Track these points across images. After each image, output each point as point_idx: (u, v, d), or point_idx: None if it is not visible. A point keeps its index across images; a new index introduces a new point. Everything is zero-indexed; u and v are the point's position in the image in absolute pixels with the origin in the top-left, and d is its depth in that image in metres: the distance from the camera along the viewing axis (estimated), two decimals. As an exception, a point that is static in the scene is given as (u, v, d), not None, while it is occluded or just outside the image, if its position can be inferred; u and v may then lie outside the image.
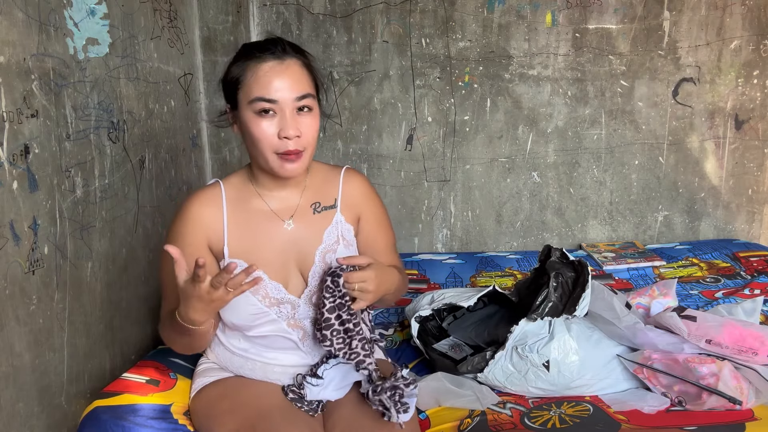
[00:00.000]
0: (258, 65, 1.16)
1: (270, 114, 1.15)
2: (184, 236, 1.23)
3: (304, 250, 1.27)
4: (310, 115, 1.18)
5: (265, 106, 1.15)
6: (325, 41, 2.53)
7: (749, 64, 2.55)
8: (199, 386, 1.33)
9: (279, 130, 1.15)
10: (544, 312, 1.52)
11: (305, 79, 1.19)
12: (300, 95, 1.16)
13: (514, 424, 1.34)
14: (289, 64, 1.17)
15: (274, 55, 1.17)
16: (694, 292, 2.09)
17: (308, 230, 1.28)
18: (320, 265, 1.27)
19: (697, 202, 2.69)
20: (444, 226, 2.71)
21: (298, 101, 1.16)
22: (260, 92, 1.15)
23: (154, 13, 1.94)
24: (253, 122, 1.16)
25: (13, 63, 1.22)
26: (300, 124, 1.16)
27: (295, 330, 1.27)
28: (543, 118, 2.61)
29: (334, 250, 1.28)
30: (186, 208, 1.25)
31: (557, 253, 1.64)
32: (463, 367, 1.53)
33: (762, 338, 1.41)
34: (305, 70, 1.20)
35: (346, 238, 1.32)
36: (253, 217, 1.26)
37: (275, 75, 1.15)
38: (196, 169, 2.37)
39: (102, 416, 1.26)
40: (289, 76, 1.16)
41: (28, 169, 1.26)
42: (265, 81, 1.15)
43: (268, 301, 1.24)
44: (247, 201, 1.27)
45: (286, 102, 1.15)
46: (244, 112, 1.17)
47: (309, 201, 1.30)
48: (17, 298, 1.23)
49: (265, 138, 1.16)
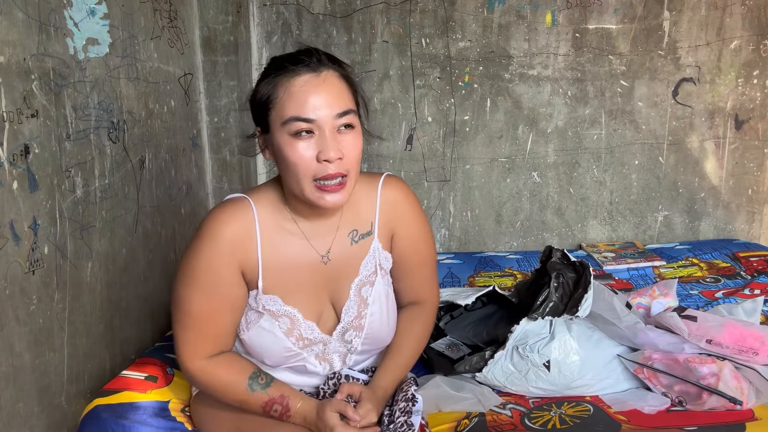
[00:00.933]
0: (291, 80, 1.03)
1: (308, 135, 1.02)
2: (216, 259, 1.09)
3: (339, 283, 1.17)
4: (352, 134, 1.05)
5: (301, 126, 1.01)
6: (325, 41, 2.53)
7: (749, 64, 2.55)
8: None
9: (318, 152, 1.01)
10: (545, 311, 1.52)
11: (345, 93, 1.06)
12: (340, 112, 1.03)
13: (514, 425, 1.34)
14: (326, 77, 1.04)
15: (308, 68, 1.03)
16: (694, 292, 2.09)
17: (345, 263, 1.17)
18: (355, 300, 1.18)
19: (697, 202, 2.69)
20: (442, 226, 2.70)
21: (339, 118, 1.03)
22: (295, 111, 1.01)
23: (154, 13, 1.94)
24: (288, 145, 1.02)
25: (13, 63, 1.22)
26: (342, 145, 1.02)
27: (322, 363, 1.21)
28: (543, 118, 2.61)
29: (371, 282, 1.19)
30: (217, 229, 1.10)
31: (558, 254, 1.64)
32: (460, 367, 1.53)
33: (762, 338, 1.41)
34: (344, 82, 1.07)
35: (384, 267, 1.22)
36: (287, 245, 1.13)
37: (311, 90, 1.02)
38: (196, 169, 2.37)
39: (102, 415, 1.26)
40: (327, 90, 1.03)
41: (28, 169, 1.26)
42: (300, 98, 1.01)
43: (302, 343, 1.16)
44: (280, 227, 1.14)
45: (326, 120, 1.02)
46: (278, 134, 1.04)
47: (346, 229, 1.17)
48: (17, 298, 1.23)
49: (302, 163, 1.02)
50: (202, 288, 1.10)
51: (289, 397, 1.13)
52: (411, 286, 1.28)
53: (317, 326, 1.17)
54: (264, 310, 1.14)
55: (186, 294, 1.11)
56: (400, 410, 1.17)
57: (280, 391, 1.14)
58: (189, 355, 1.14)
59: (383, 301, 1.21)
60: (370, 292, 1.18)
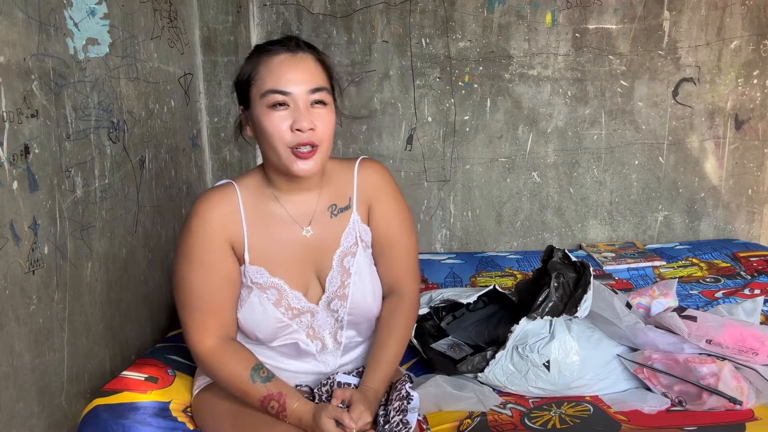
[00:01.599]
0: (270, 58, 1.14)
1: (283, 107, 1.12)
2: (207, 239, 1.17)
3: (322, 254, 1.24)
4: (325, 110, 1.14)
5: (278, 98, 1.11)
6: (325, 41, 2.53)
7: (749, 64, 2.55)
8: (202, 385, 1.33)
9: (292, 122, 1.11)
10: (545, 311, 1.52)
11: (319, 74, 1.16)
12: (314, 88, 1.13)
13: (514, 424, 1.34)
14: (302, 58, 1.14)
15: (286, 49, 1.14)
16: (694, 292, 2.09)
17: (326, 235, 1.24)
18: (338, 270, 1.24)
19: (697, 202, 2.69)
20: (443, 226, 2.70)
21: (312, 94, 1.13)
22: (273, 84, 1.11)
23: (154, 13, 1.94)
24: (265, 116, 1.12)
25: (13, 63, 1.22)
26: (314, 117, 1.12)
27: (314, 341, 1.25)
28: (543, 118, 2.61)
29: (353, 253, 1.25)
30: (203, 210, 1.18)
31: (559, 254, 1.64)
32: (463, 367, 1.53)
33: (762, 338, 1.41)
34: (319, 65, 1.17)
35: (364, 240, 1.28)
36: (270, 222, 1.22)
37: (288, 67, 1.12)
38: (196, 169, 2.37)
39: (102, 415, 1.26)
40: (303, 68, 1.13)
41: (28, 169, 1.26)
42: (277, 73, 1.12)
43: (291, 313, 1.21)
44: (263, 205, 1.22)
45: (300, 94, 1.12)
46: (257, 107, 1.14)
47: (326, 204, 1.25)
48: (17, 298, 1.23)
49: (277, 131, 1.11)
50: (199, 266, 1.17)
51: (286, 395, 1.15)
52: (388, 269, 1.31)
53: (304, 296, 1.23)
54: (252, 283, 1.20)
55: (186, 275, 1.19)
56: (395, 409, 1.18)
57: (279, 388, 1.16)
58: (198, 336, 1.19)
59: (365, 271, 1.26)
60: (352, 263, 1.24)
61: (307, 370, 1.27)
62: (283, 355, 1.26)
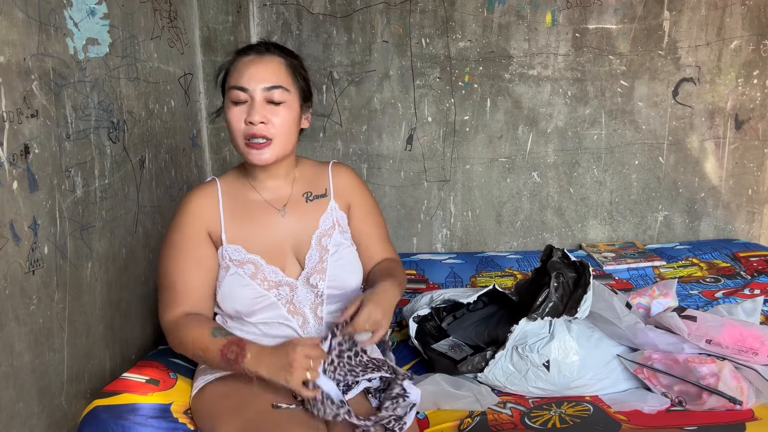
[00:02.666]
0: (240, 58, 1.26)
1: (243, 103, 1.23)
2: (184, 226, 1.29)
3: (300, 235, 1.33)
4: (281, 108, 1.24)
5: (238, 94, 1.22)
6: (325, 41, 2.53)
7: (749, 64, 2.55)
8: (201, 384, 1.33)
9: (246, 116, 1.22)
10: (545, 312, 1.52)
11: (281, 74, 1.25)
12: (270, 86, 1.22)
13: (514, 423, 1.34)
14: (268, 59, 1.25)
15: (255, 51, 1.26)
16: (694, 292, 2.09)
17: (303, 218, 1.34)
18: (316, 248, 1.32)
19: (697, 202, 2.69)
20: (444, 226, 2.70)
21: (268, 91, 1.22)
22: (235, 81, 1.23)
23: (154, 13, 1.94)
24: (228, 110, 1.24)
25: (13, 63, 1.22)
26: (268, 113, 1.22)
27: (295, 317, 1.30)
28: (543, 118, 2.61)
29: (330, 235, 1.35)
30: (185, 202, 1.32)
31: (559, 254, 1.64)
32: (463, 367, 1.53)
33: (762, 338, 1.41)
34: (285, 67, 1.26)
35: (341, 224, 1.38)
36: (248, 207, 1.33)
37: (250, 66, 1.23)
38: (196, 169, 2.37)
39: (102, 415, 1.26)
40: (264, 68, 1.23)
41: (28, 169, 1.26)
42: (241, 71, 1.23)
43: (267, 284, 1.28)
44: (241, 193, 1.34)
45: (256, 91, 1.22)
46: (225, 101, 1.26)
47: (300, 191, 1.36)
48: (17, 298, 1.23)
49: (235, 124, 1.23)
50: (174, 249, 1.29)
51: (247, 342, 1.18)
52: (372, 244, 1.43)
53: (281, 270, 1.30)
54: (230, 261, 1.29)
55: (162, 257, 1.31)
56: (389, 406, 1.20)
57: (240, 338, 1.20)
58: (163, 310, 1.29)
59: (343, 248, 1.35)
60: (330, 242, 1.34)
61: None
62: (268, 337, 1.30)
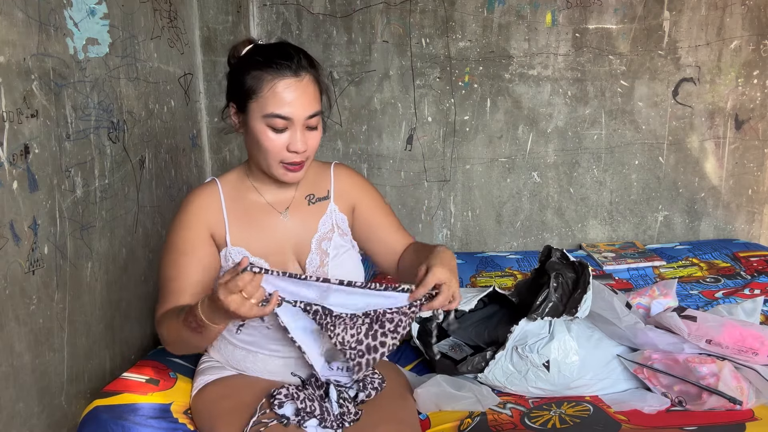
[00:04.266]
0: (275, 81, 1.18)
1: (282, 130, 1.20)
2: (186, 227, 1.28)
3: (301, 239, 1.32)
4: (317, 131, 1.24)
5: (279, 123, 1.19)
6: (325, 41, 2.53)
7: (749, 64, 2.55)
8: (201, 384, 1.33)
9: (288, 144, 1.20)
10: (545, 312, 1.52)
11: (317, 97, 1.23)
12: (311, 114, 1.21)
13: (514, 424, 1.34)
14: (305, 83, 1.20)
15: (291, 71, 1.19)
16: (694, 292, 2.09)
17: (304, 221, 1.34)
18: (316, 252, 1.32)
19: (697, 202, 2.69)
20: (444, 226, 2.70)
21: (309, 119, 1.21)
22: (276, 109, 1.18)
23: (154, 13, 1.94)
24: (264, 134, 1.20)
25: (13, 63, 1.22)
26: (307, 138, 1.22)
27: None
28: (543, 118, 2.61)
29: (329, 238, 1.34)
30: (186, 203, 1.30)
31: (558, 254, 1.63)
32: (463, 367, 1.53)
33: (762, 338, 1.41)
34: (317, 87, 1.24)
35: (341, 227, 1.37)
36: (250, 209, 1.32)
37: (292, 93, 1.18)
38: (196, 169, 2.37)
39: (102, 416, 1.26)
40: (304, 93, 1.20)
41: (28, 169, 1.26)
42: (282, 98, 1.18)
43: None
44: (243, 195, 1.32)
45: (299, 120, 1.19)
46: (256, 122, 1.20)
47: (303, 194, 1.35)
48: (17, 298, 1.23)
49: (274, 150, 1.20)
50: (175, 250, 1.28)
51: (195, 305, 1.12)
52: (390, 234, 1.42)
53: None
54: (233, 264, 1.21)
55: (163, 257, 1.30)
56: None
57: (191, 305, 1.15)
58: (158, 307, 1.28)
59: (342, 252, 1.35)
60: (330, 245, 1.33)
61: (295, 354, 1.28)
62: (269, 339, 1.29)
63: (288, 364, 1.30)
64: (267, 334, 1.29)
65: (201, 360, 1.42)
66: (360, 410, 1.24)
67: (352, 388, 1.27)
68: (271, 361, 1.30)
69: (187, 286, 1.25)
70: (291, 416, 1.18)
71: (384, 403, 1.28)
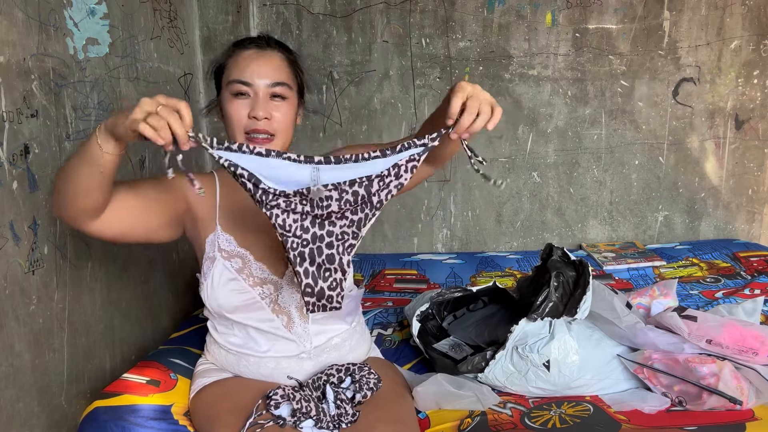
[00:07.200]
0: (240, 51, 1.25)
1: (244, 96, 1.22)
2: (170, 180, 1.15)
3: None
4: (284, 104, 1.24)
5: (240, 88, 1.21)
6: (325, 41, 2.53)
7: (749, 64, 2.55)
8: (199, 386, 1.33)
9: (250, 110, 1.21)
10: (545, 312, 1.52)
11: (283, 70, 1.25)
12: (274, 82, 1.22)
13: (514, 423, 1.34)
14: (269, 55, 1.25)
15: (256, 45, 1.26)
16: (694, 292, 2.09)
17: None
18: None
19: (697, 202, 2.69)
20: (444, 226, 2.70)
21: (272, 87, 1.22)
22: (237, 75, 1.22)
23: (154, 13, 1.94)
24: (228, 102, 1.23)
25: (13, 63, 1.22)
26: (272, 109, 1.22)
27: (280, 316, 1.29)
28: (543, 118, 2.61)
29: None
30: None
31: (559, 252, 1.63)
32: (463, 367, 1.53)
33: (762, 338, 1.41)
34: (285, 63, 1.27)
35: None
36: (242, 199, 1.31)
37: (253, 60, 1.23)
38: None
39: (102, 416, 1.26)
40: (267, 63, 1.23)
41: (28, 169, 1.26)
42: (243, 65, 1.22)
43: (252, 281, 1.27)
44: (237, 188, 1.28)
45: (260, 86, 1.22)
46: (223, 93, 1.25)
47: None
48: (17, 298, 1.23)
49: (236, 117, 1.22)
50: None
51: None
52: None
53: (267, 268, 1.29)
54: (219, 250, 1.27)
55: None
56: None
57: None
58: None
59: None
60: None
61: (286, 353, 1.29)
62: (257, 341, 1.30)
63: (280, 366, 1.30)
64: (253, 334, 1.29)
65: (199, 362, 1.42)
66: (357, 411, 1.24)
67: (349, 389, 1.27)
68: (263, 363, 1.30)
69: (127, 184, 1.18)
70: (287, 417, 1.18)
71: (382, 402, 1.28)
